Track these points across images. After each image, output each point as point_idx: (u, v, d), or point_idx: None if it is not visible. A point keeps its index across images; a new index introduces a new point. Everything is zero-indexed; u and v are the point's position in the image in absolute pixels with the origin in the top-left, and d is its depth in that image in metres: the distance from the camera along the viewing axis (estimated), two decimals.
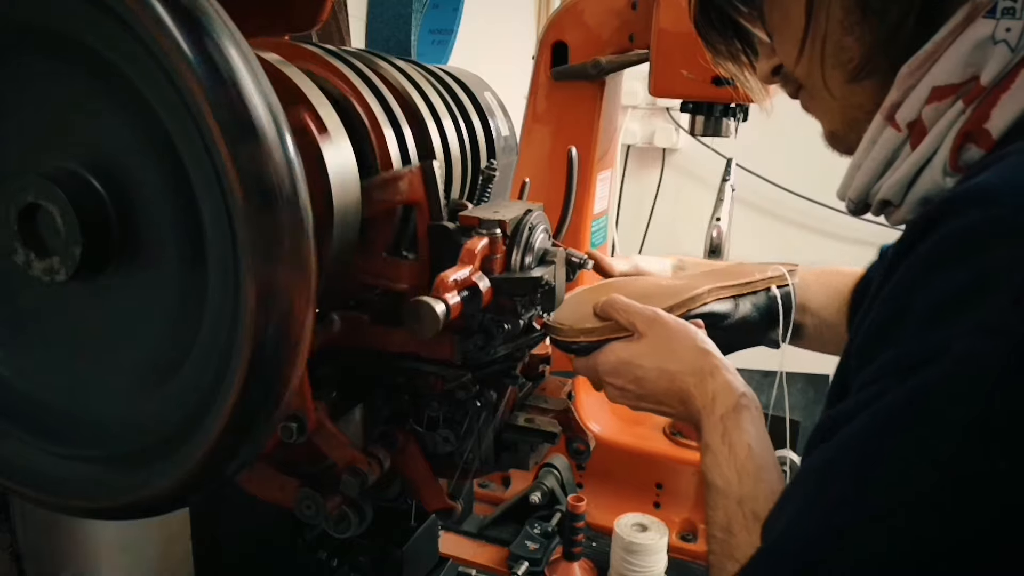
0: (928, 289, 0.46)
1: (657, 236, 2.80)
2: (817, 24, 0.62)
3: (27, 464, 0.68)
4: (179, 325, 0.61)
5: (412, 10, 1.55)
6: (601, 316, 0.88)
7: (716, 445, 0.74)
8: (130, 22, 0.52)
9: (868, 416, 0.46)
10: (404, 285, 0.81)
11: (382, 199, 0.77)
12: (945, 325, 0.44)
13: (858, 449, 0.47)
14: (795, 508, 0.50)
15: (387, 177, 0.77)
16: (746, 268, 1.08)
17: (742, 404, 0.76)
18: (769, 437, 0.75)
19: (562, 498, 1.44)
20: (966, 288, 0.44)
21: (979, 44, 0.53)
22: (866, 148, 0.61)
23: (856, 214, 0.67)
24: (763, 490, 0.68)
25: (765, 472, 0.70)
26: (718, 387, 0.78)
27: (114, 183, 0.59)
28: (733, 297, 0.99)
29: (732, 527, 0.68)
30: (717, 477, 0.72)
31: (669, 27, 1.22)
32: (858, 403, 0.48)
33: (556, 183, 1.00)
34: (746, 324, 0.99)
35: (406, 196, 0.77)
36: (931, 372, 0.44)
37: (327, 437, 0.77)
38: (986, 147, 0.53)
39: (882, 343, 0.48)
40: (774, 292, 1.03)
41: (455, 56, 1.76)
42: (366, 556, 1.01)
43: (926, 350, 0.44)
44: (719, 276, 1.03)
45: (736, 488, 0.70)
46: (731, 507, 0.69)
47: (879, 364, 0.48)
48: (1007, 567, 0.42)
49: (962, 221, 0.46)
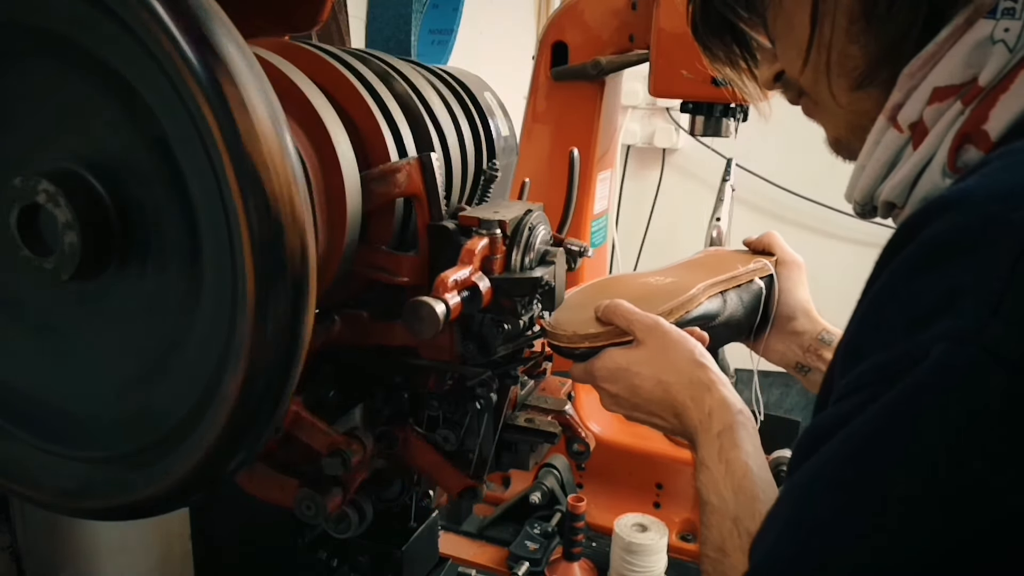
0: (907, 297, 0.46)
1: (657, 236, 2.81)
2: (822, 32, 0.61)
3: (26, 464, 0.68)
4: (179, 324, 0.61)
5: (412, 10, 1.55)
6: (603, 320, 0.87)
7: (712, 463, 0.73)
8: (130, 23, 0.52)
9: (845, 434, 0.46)
10: (404, 279, 0.81)
11: (381, 191, 0.77)
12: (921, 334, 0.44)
13: (836, 468, 0.46)
14: (778, 529, 0.50)
15: (385, 169, 0.77)
16: (725, 258, 1.07)
17: (739, 422, 0.75)
18: (764, 455, 0.74)
19: (562, 498, 1.44)
20: (941, 296, 0.44)
21: (979, 45, 0.53)
22: (869, 150, 0.61)
23: (863, 216, 0.67)
24: (759, 509, 0.67)
25: (761, 491, 0.69)
26: (715, 403, 0.77)
27: (114, 183, 0.59)
28: (721, 293, 0.98)
29: (726, 546, 0.67)
30: (712, 495, 0.71)
31: (669, 27, 1.22)
32: (837, 416, 0.47)
33: (556, 183, 1.00)
34: (732, 320, 0.99)
35: (404, 188, 0.77)
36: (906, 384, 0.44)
37: (305, 427, 0.77)
38: (984, 148, 0.53)
39: (864, 348, 0.48)
40: (759, 284, 1.02)
41: (455, 56, 1.76)
42: (366, 556, 1.01)
43: (903, 359, 0.44)
44: (703, 269, 1.02)
45: (732, 507, 0.69)
46: (726, 526, 0.68)
47: (859, 371, 0.47)
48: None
49: (936, 228, 0.46)
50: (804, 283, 1.06)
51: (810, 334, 1.01)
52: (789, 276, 1.05)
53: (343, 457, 0.76)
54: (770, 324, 1.02)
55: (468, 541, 1.41)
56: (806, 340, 1.01)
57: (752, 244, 1.11)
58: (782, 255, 1.07)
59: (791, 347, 1.03)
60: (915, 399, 0.43)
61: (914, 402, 0.43)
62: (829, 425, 0.48)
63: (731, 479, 0.71)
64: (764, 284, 1.03)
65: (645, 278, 1.02)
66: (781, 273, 1.04)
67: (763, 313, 1.02)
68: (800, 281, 1.05)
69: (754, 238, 1.11)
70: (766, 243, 1.09)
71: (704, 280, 0.96)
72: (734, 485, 0.70)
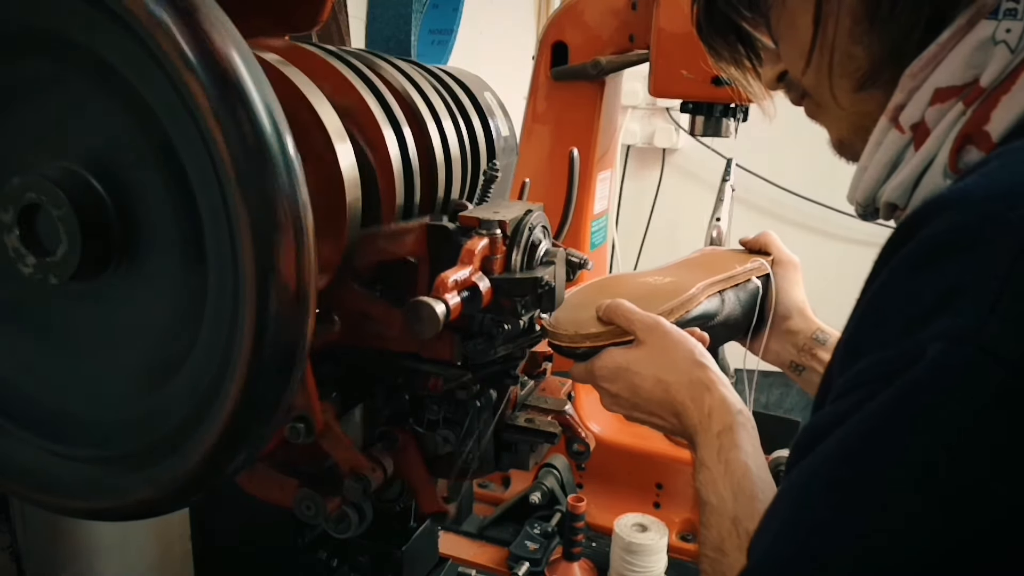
0: (905, 296, 0.46)
1: (657, 236, 2.81)
2: (825, 33, 0.61)
3: (26, 464, 0.68)
4: (179, 325, 0.61)
5: (412, 10, 1.55)
6: (604, 320, 0.87)
7: (712, 463, 0.73)
8: (130, 24, 0.52)
9: (843, 432, 0.46)
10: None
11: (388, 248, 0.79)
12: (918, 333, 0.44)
13: (834, 467, 0.46)
14: (776, 529, 0.50)
15: (397, 229, 0.79)
16: (722, 258, 1.07)
17: (739, 422, 0.75)
18: (764, 456, 0.74)
19: (562, 498, 1.44)
20: (939, 295, 0.44)
21: (981, 45, 0.53)
22: (871, 151, 0.61)
23: (865, 218, 0.66)
24: (758, 509, 0.67)
25: (760, 491, 0.69)
26: (715, 403, 0.77)
27: (114, 183, 0.59)
28: (719, 292, 0.98)
29: (724, 546, 0.67)
30: (712, 495, 0.71)
31: (669, 27, 1.21)
32: (835, 414, 0.47)
33: (556, 183, 1.00)
34: (730, 320, 0.99)
35: (410, 251, 0.79)
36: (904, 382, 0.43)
37: (333, 439, 0.77)
38: (986, 149, 0.53)
39: (862, 347, 0.48)
40: (756, 284, 1.02)
41: (455, 56, 1.76)
42: (366, 556, 1.01)
43: (901, 358, 0.44)
44: (701, 269, 1.01)
45: (731, 507, 0.69)
46: (725, 526, 0.68)
47: (857, 369, 0.47)
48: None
49: (935, 227, 0.46)
50: (800, 283, 1.06)
51: (805, 333, 1.02)
52: (785, 276, 1.05)
53: (365, 484, 0.77)
54: (768, 323, 1.02)
55: (468, 541, 1.41)
56: (801, 339, 1.02)
57: (748, 244, 1.12)
58: (778, 255, 1.07)
59: (786, 346, 1.03)
60: (913, 398, 0.43)
61: (912, 401, 0.43)
62: (827, 424, 0.48)
63: (730, 479, 0.71)
64: (761, 284, 1.03)
65: (644, 278, 1.02)
66: (777, 273, 1.05)
67: (760, 312, 1.02)
68: (796, 281, 1.06)
69: (750, 237, 1.12)
70: (762, 243, 1.10)
71: (703, 280, 0.96)
72: (733, 485, 0.70)
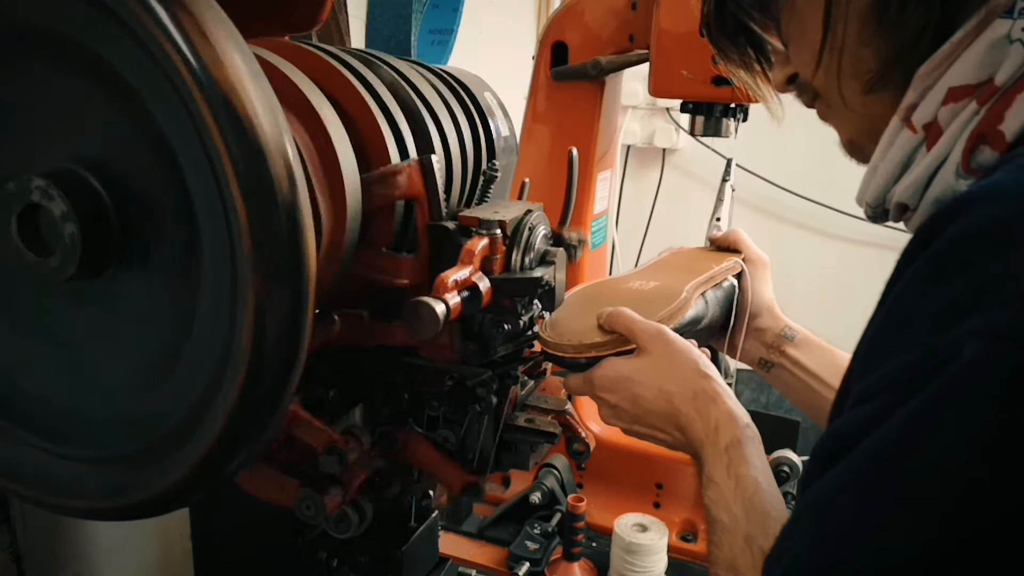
0: (933, 295, 0.45)
1: (657, 236, 2.80)
2: (835, 35, 0.61)
3: (26, 464, 0.68)
4: (178, 324, 0.61)
5: (412, 10, 1.55)
6: (606, 328, 0.84)
7: (721, 478, 0.71)
8: (130, 24, 0.52)
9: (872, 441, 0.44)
10: (405, 281, 0.80)
11: (381, 193, 0.77)
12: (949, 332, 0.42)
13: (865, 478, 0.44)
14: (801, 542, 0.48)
15: (386, 171, 0.77)
16: (696, 258, 1.06)
17: (747, 436, 0.73)
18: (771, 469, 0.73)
19: (562, 498, 1.44)
20: (971, 291, 0.42)
21: (995, 44, 0.53)
22: (883, 150, 0.60)
23: (875, 220, 0.65)
24: (771, 527, 0.65)
25: (772, 508, 0.67)
26: (721, 416, 0.74)
27: (114, 183, 0.59)
28: (702, 294, 0.96)
29: (737, 565, 0.65)
30: (723, 513, 0.68)
31: (669, 27, 1.21)
32: (858, 421, 0.46)
33: (556, 183, 1.00)
34: (713, 321, 0.98)
35: (405, 191, 0.77)
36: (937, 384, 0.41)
37: (302, 425, 0.77)
38: (1000, 149, 0.52)
39: (886, 349, 0.47)
40: (732, 283, 1.02)
41: (455, 56, 1.76)
42: (366, 556, 1.01)
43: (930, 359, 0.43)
44: (681, 270, 1.00)
45: (743, 525, 0.67)
46: (737, 544, 0.66)
47: (881, 373, 0.46)
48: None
49: (965, 224, 0.45)
50: (768, 281, 1.06)
51: (773, 331, 1.02)
52: (755, 274, 1.05)
53: (340, 455, 0.76)
54: (744, 322, 1.02)
55: (468, 541, 1.41)
56: (769, 336, 1.02)
57: (718, 241, 1.11)
58: (748, 252, 1.07)
59: (755, 344, 1.03)
60: (949, 401, 0.41)
61: (948, 405, 0.41)
62: (850, 432, 0.46)
63: (742, 496, 0.69)
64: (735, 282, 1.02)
65: (627, 283, 1.00)
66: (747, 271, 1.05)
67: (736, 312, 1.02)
68: (765, 279, 1.06)
69: (719, 235, 1.11)
70: (732, 240, 1.09)
71: (687, 282, 0.95)
72: (745, 502, 0.68)
